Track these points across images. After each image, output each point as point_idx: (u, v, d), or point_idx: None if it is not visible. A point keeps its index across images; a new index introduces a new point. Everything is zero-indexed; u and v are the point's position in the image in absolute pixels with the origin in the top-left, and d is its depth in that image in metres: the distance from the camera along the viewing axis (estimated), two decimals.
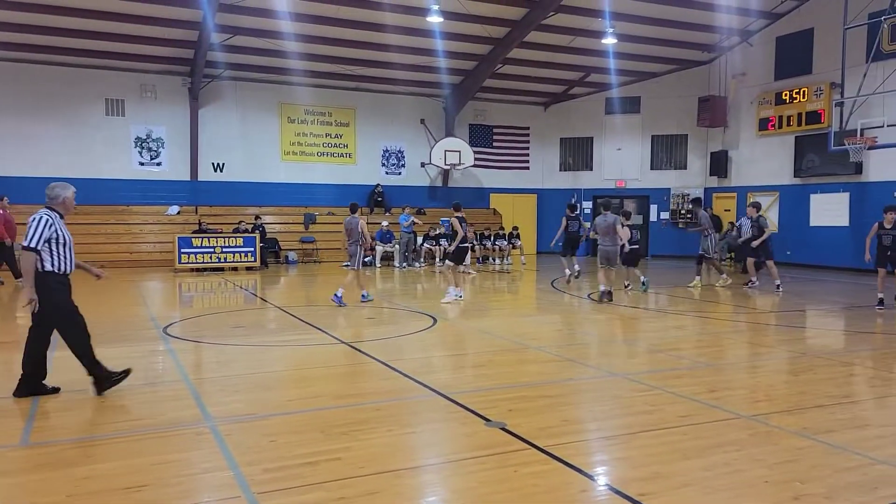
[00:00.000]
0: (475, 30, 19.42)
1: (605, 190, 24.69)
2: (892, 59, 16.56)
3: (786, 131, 20.44)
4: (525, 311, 12.32)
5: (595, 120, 24.72)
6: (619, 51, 20.71)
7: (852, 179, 18.68)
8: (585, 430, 5.16)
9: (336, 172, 22.60)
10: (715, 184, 23.27)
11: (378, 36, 19.12)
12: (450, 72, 21.83)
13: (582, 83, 23.81)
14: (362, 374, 6.98)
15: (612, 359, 7.99)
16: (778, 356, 8.00)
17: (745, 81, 21.85)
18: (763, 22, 20.66)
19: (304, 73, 20.70)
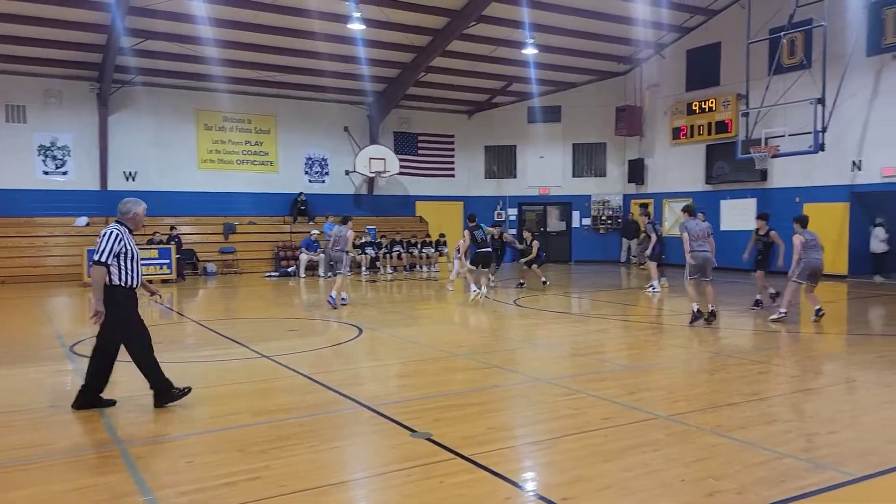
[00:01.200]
0: (398, 38, 19.42)
1: (530, 197, 25.16)
2: (792, 72, 17.60)
3: (697, 140, 21.38)
4: (452, 319, 12.34)
5: (518, 128, 25.15)
6: (540, 61, 21.17)
7: (758, 186, 19.71)
8: (511, 437, 5.19)
9: (257, 181, 22.06)
10: (633, 191, 24.08)
11: (299, 42, 18.83)
12: (373, 79, 21.74)
13: (504, 92, 24.19)
14: (284, 388, 6.80)
15: (537, 364, 8.10)
16: (694, 356, 8.31)
17: (658, 92, 22.75)
18: (674, 35, 21.58)
19: (222, 79, 20.11)
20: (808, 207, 18.05)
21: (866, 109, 17.03)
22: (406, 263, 21.60)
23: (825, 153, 16.29)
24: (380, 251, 21.51)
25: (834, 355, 8.42)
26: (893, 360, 7.70)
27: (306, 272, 19.97)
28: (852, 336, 10.00)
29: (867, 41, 16.85)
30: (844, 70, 16.22)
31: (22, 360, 8.02)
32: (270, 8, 16.91)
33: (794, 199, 18.55)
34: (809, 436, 5.00)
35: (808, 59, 17.37)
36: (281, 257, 20.82)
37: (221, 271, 20.39)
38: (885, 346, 8.60)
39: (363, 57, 19.53)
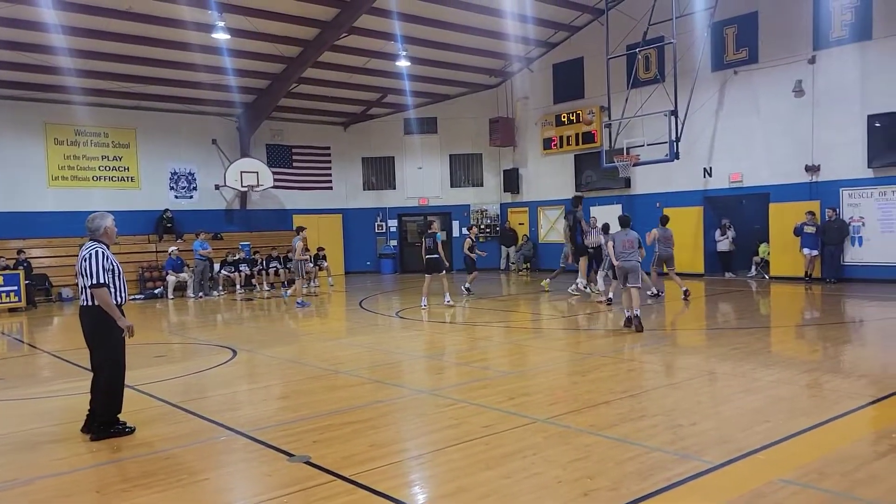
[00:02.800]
0: (267, 48, 18.88)
1: (410, 208, 25.26)
2: (648, 86, 18.83)
3: (566, 150, 22.37)
4: (333, 335, 12.07)
5: (395, 139, 25.21)
6: (414, 73, 21.35)
7: (623, 192, 20.89)
8: (392, 453, 5.10)
9: (117, 198, 20.58)
10: (509, 199, 24.79)
11: (161, 52, 17.88)
12: (242, 90, 21.01)
13: (380, 104, 24.17)
14: (151, 419, 6.33)
15: (420, 376, 8.07)
16: (570, 358, 8.61)
17: (529, 104, 23.60)
18: (541, 50, 22.49)
19: (74, 90, 18.64)
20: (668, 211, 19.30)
21: (714, 120, 18.53)
22: (284, 279, 20.97)
23: (680, 161, 17.53)
24: (255, 268, 20.77)
25: (694, 349, 9.02)
26: (746, 352, 8.36)
27: (174, 293, 18.89)
28: (710, 330, 10.78)
29: (712, 57, 18.35)
30: (693, 84, 17.56)
31: None
32: (127, 16, 15.94)
33: (655, 204, 19.81)
34: (674, 428, 5.29)
35: (662, 73, 18.66)
36: (146, 279, 19.58)
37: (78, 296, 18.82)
38: (739, 339, 9.32)
39: (230, 67, 18.84)
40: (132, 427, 5.79)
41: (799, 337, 10.10)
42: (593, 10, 20.08)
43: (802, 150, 16.85)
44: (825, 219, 16.32)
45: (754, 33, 17.62)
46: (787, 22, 16.97)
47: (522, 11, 18.64)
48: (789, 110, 17.03)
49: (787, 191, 17.18)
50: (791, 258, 17.02)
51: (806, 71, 16.69)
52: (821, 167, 16.60)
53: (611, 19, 18.61)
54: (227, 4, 16.06)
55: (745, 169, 18.02)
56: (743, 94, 17.94)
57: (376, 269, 25.25)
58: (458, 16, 18.70)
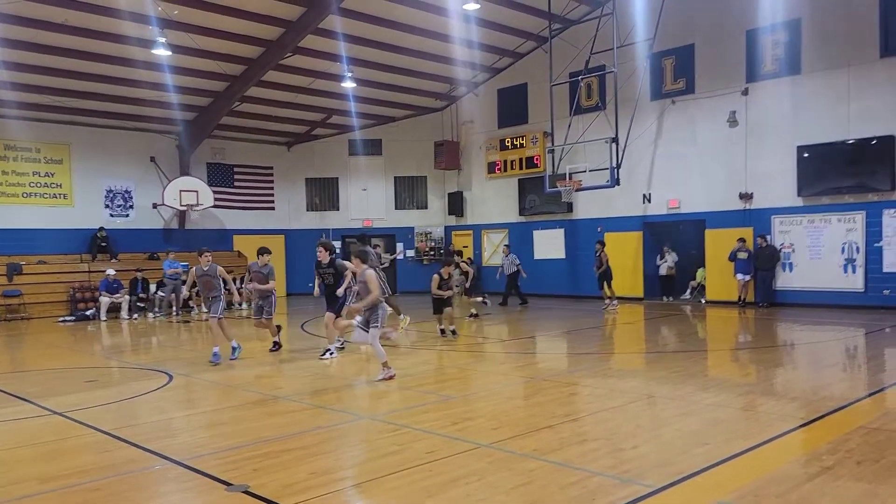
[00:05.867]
0: (209, 66, 18.57)
1: (353, 229, 25.05)
2: (590, 113, 19.34)
3: (510, 174, 22.69)
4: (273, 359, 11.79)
5: (339, 161, 25.08)
6: (359, 95, 21.36)
7: (566, 217, 21.28)
8: (333, 481, 4.98)
9: (49, 215, 19.79)
10: (454, 222, 24.91)
11: (97, 67, 17.37)
12: (182, 107, 20.57)
13: (324, 124, 24.04)
14: (78, 448, 6.02)
15: (362, 401, 7.95)
16: (512, 382, 8.63)
17: (473, 128, 23.89)
18: (486, 75, 22.85)
19: (5, 103, 17.90)
20: (609, 236, 19.82)
21: (652, 148, 19.13)
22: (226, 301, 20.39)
23: (621, 187, 18.00)
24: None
25: (634, 372, 9.18)
26: (684, 375, 8.56)
27: (108, 315, 18.18)
28: (649, 354, 11.01)
29: (651, 87, 19.00)
30: (633, 112, 18.12)
31: None
32: (62, 28, 15.45)
33: (596, 228, 20.25)
34: (616, 452, 5.35)
35: (603, 101, 19.21)
36: (78, 299, 18.79)
37: (5, 317, 17.96)
38: (677, 362, 9.55)
39: (171, 84, 18.44)
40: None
41: (734, 360, 10.42)
42: (537, 38, 20.56)
43: (736, 178, 17.55)
44: (757, 245, 16.99)
45: (691, 65, 18.35)
46: (721, 55, 17.75)
47: (469, 37, 18.93)
48: (724, 140, 17.73)
49: (722, 217, 17.83)
50: (726, 283, 17.63)
51: (740, 102, 17.45)
52: (753, 195, 17.31)
53: (554, 47, 19.09)
54: (169, 20, 15.76)
55: (682, 196, 18.64)
56: (680, 123, 18.61)
57: None
58: (405, 39, 18.85)
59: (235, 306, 19.66)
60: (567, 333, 13.43)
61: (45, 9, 14.68)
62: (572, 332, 13.65)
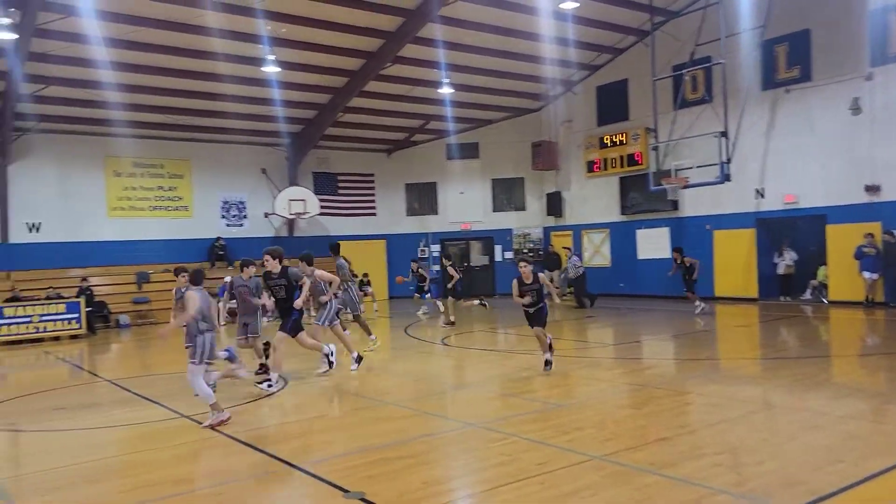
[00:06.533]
0: (314, 79, 19.33)
1: (452, 233, 25.31)
2: (696, 107, 18.56)
3: (610, 172, 22.15)
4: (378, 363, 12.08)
5: (437, 165, 25.38)
6: (456, 99, 21.53)
7: (671, 215, 20.53)
8: (446, 491, 5.04)
9: (171, 227, 21.23)
10: (552, 223, 24.62)
11: (212, 85, 18.44)
12: (290, 121, 21.50)
13: (423, 130, 24.41)
14: (206, 451, 6.41)
15: (467, 408, 7.97)
16: (621, 390, 8.41)
17: (571, 127, 23.50)
18: (583, 73, 22.43)
19: (130, 124, 19.36)
20: (719, 234, 18.96)
21: (765, 140, 18.09)
22: None
23: (731, 183, 17.16)
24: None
25: (753, 380, 8.71)
26: (808, 383, 8.03)
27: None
28: (769, 360, 10.41)
29: (762, 76, 17.99)
30: (743, 104, 17.23)
31: None
32: (180, 52, 16.51)
33: (704, 226, 19.41)
34: (738, 467, 5.09)
35: (710, 94, 18.38)
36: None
37: (136, 323, 19.39)
38: (800, 369, 8.98)
39: (279, 99, 19.30)
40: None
41: (864, 367, 9.67)
42: (638, 32, 19.96)
43: (861, 169, 16.29)
44: (885, 241, 15.70)
45: (807, 51, 17.22)
46: (841, 38, 16.53)
47: (566, 35, 18.63)
48: (846, 128, 16.51)
49: (845, 212, 16.60)
50: (851, 282, 16.39)
51: (863, 88, 16.19)
52: (881, 187, 16.01)
53: (656, 40, 18.46)
54: (277, 38, 16.50)
55: (799, 190, 17.51)
56: (796, 113, 17.49)
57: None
58: (502, 42, 18.82)
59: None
60: (676, 337, 12.94)
61: (166, 35, 15.72)
62: (681, 335, 13.15)
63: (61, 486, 5.54)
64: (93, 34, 14.76)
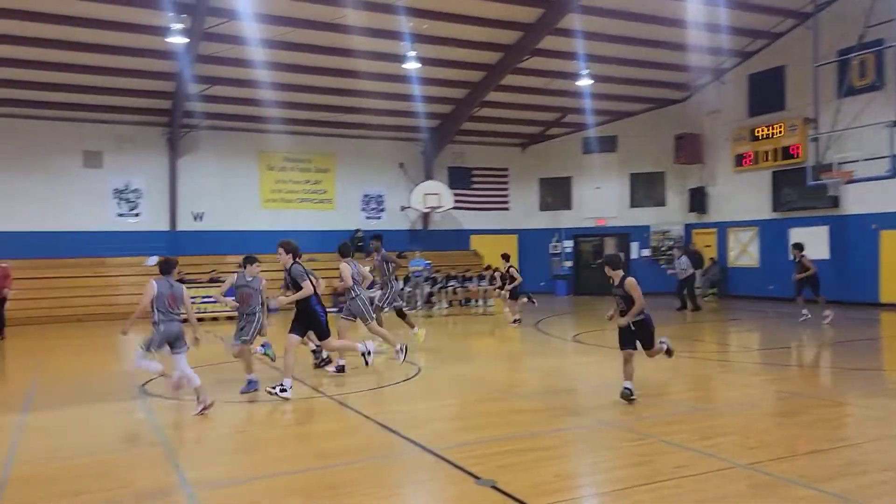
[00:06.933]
0: (452, 74, 19.67)
1: (586, 228, 24.82)
2: (864, 94, 16.94)
3: (762, 166, 20.72)
4: (510, 356, 12.14)
5: (573, 159, 24.96)
6: (595, 91, 21.03)
7: (830, 213, 18.87)
8: (580, 486, 4.98)
9: (316, 218, 22.49)
10: (695, 220, 23.46)
11: (356, 83, 19.27)
12: (427, 116, 22.02)
13: (559, 124, 24.11)
14: (345, 430, 6.75)
15: (600, 405, 7.77)
16: (768, 397, 7.88)
17: (719, 119, 22.23)
18: (735, 60, 21.13)
19: (282, 120, 20.72)
20: (886, 235, 17.21)
21: None
22: (461, 298, 21.52)
23: None
24: (435, 286, 21.51)
25: None
26: None
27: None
28: None
29: None
30: None
31: (95, 397, 8.21)
32: (327, 51, 17.39)
33: (870, 225, 17.70)
34: None
35: (881, 79, 16.69)
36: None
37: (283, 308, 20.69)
38: None
39: (418, 94, 19.82)
40: None
41: None
42: (798, 15, 18.51)
43: None
44: None
45: None
46: None
47: (715, 21, 17.64)
48: None
49: None
50: None
51: None
52: None
53: (819, 23, 17.02)
54: (418, 35, 16.93)
55: None
56: None
57: (550, 290, 25.04)
58: (645, 30, 18.16)
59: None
60: (833, 345, 11.92)
61: (315, 34, 16.61)
62: (838, 343, 12.08)
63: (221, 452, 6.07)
64: (251, 36, 15.93)
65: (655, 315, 7.73)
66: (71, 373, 10.33)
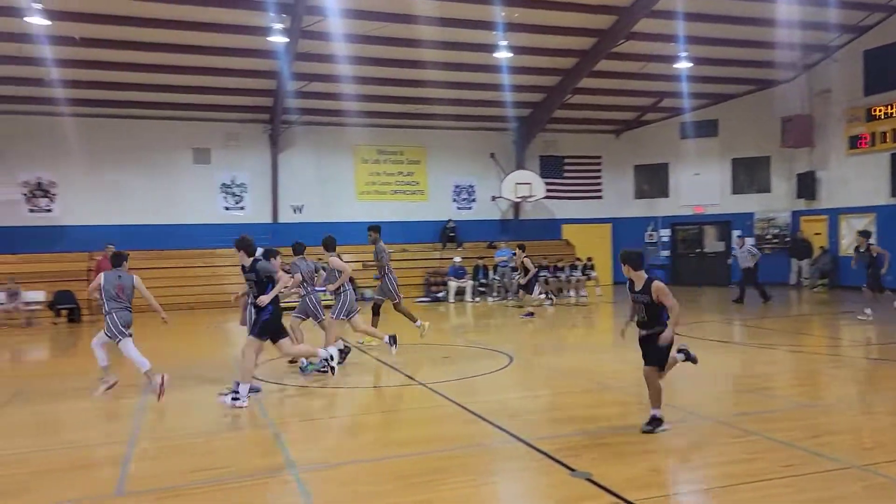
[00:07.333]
0: (544, 62, 19.43)
1: (683, 217, 23.98)
2: None
3: (880, 149, 19.28)
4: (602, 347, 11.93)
5: (670, 145, 24.12)
6: (694, 74, 20.20)
7: None
8: (678, 482, 4.88)
9: (408, 209, 22.88)
10: (803, 206, 22.15)
11: (447, 75, 19.37)
12: (518, 105, 21.86)
13: (655, 109, 23.35)
14: (439, 417, 6.87)
15: (699, 400, 7.54)
16: (883, 395, 7.39)
17: (830, 99, 20.84)
18: (847, 36, 19.73)
19: (376, 114, 21.19)
20: None
21: None
22: (553, 288, 21.32)
23: None
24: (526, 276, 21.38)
25: None
26: None
27: (455, 297, 20.32)
28: None
29: None
30: None
31: (207, 381, 8.75)
32: (419, 44, 17.57)
33: None
34: None
35: None
36: (431, 283, 21.34)
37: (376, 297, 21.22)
38: None
39: (508, 84, 19.71)
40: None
41: None
42: None
43: None
44: None
45: None
46: None
47: None
48: None
49: None
50: None
51: None
52: None
53: None
54: (510, 24, 16.83)
55: None
56: None
57: None
58: (748, 8, 17.25)
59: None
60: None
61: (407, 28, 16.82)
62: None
63: (322, 436, 6.34)
64: (346, 32, 16.34)
65: (748, 307, 7.40)
66: (183, 358, 11.03)
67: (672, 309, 5.96)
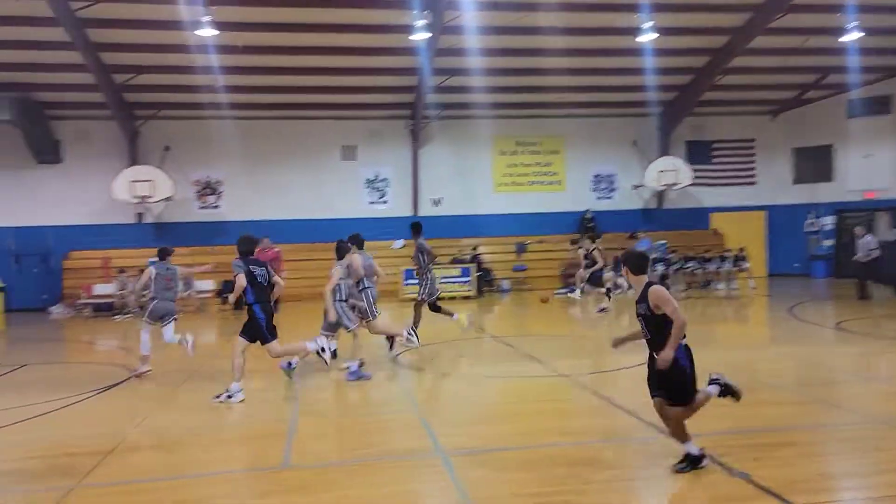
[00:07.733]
0: (690, 42, 18.48)
1: (851, 203, 21.91)
2: None
3: None
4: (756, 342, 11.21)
5: (835, 125, 22.09)
6: (863, 46, 18.32)
7: None
8: (847, 488, 4.52)
9: (546, 200, 22.67)
10: None
11: (586, 61, 18.97)
12: (662, 89, 20.90)
13: (817, 86, 21.47)
14: (585, 409, 6.82)
15: (871, 401, 6.92)
16: None
17: None
18: None
19: (513, 105, 21.17)
20: None
21: None
22: (701, 280, 20.29)
23: None
24: (670, 267, 20.52)
25: None
26: None
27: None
28: None
29: None
30: None
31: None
32: (558, 32, 17.31)
33: None
34: None
35: None
36: (567, 275, 21.05)
37: (514, 288, 21.32)
38: None
39: (652, 67, 18.92)
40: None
41: None
42: None
43: None
44: None
45: None
46: None
47: None
48: None
49: None
50: None
51: None
52: None
53: None
54: (655, 4, 16.15)
55: None
56: None
57: (806, 272, 22.56)
58: None
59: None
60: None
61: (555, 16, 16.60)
62: None
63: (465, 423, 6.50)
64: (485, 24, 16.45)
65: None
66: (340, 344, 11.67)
67: (676, 319, 4.80)
